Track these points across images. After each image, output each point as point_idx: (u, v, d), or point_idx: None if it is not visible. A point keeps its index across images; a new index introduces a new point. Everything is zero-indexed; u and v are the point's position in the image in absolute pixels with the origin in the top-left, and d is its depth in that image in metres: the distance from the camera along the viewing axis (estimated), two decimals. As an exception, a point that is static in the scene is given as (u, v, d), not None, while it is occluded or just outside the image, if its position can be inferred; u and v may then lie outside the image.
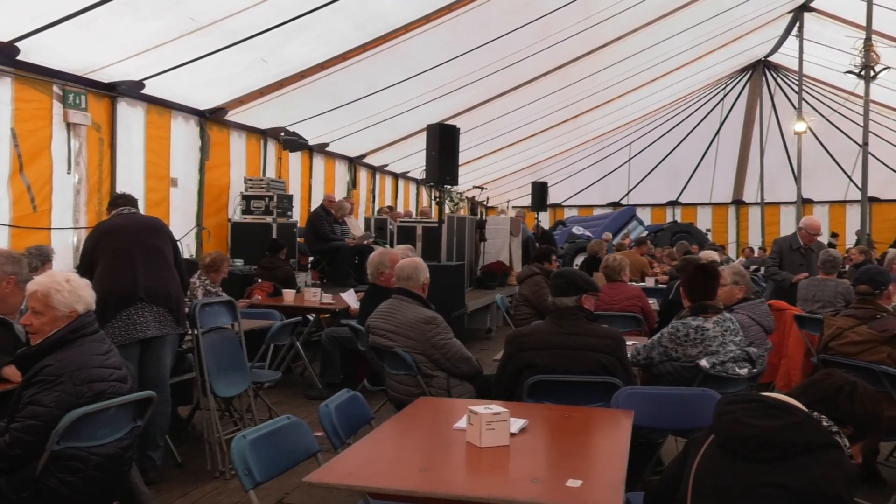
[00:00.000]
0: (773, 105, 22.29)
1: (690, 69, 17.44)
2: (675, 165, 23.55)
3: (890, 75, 13.51)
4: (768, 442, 2.05)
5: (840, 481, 1.98)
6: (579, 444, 2.82)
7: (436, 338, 4.44)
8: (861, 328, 4.52)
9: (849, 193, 21.07)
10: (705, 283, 4.32)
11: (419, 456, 2.63)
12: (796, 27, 17.09)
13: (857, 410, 2.15)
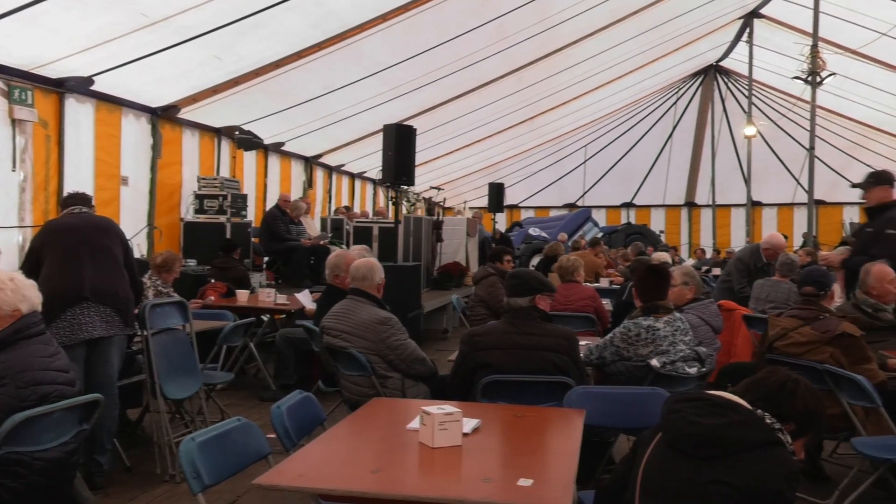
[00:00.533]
0: (724, 109, 22.75)
1: (644, 73, 17.71)
2: (629, 168, 23.87)
3: (836, 81, 13.89)
4: (713, 440, 2.09)
5: (783, 478, 2.03)
6: (531, 443, 2.84)
7: (390, 338, 4.43)
8: (805, 329, 4.62)
9: (796, 196, 21.60)
10: (656, 284, 4.39)
11: (371, 457, 2.62)
12: (746, 33, 17.48)
13: (799, 407, 2.20)
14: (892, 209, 5.57)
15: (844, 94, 16.71)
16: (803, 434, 2.22)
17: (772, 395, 2.22)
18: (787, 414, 2.19)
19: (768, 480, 2.01)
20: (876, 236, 5.44)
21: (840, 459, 5.20)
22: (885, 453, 4.07)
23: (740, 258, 8.29)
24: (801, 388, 2.23)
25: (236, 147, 11.00)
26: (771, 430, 2.14)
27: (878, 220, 5.60)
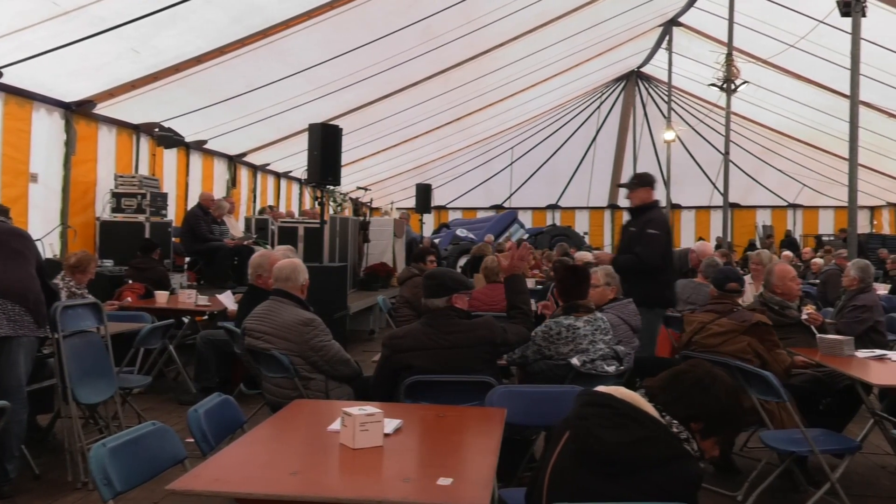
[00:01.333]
0: (645, 114, 23.40)
1: (568, 76, 18.06)
2: (555, 170, 24.29)
3: (749, 89, 14.48)
4: (617, 459, 2.10)
5: (686, 493, 2.08)
6: (452, 442, 2.86)
7: (314, 340, 4.38)
8: (722, 320, 4.82)
9: (713, 199, 22.36)
10: (576, 284, 4.48)
11: (291, 459, 2.59)
12: (666, 41, 18.03)
13: (713, 406, 2.20)
14: (653, 210, 5.87)
15: (757, 101, 17.43)
16: (716, 433, 2.23)
17: (686, 392, 2.22)
18: (698, 413, 2.20)
19: (673, 494, 2.05)
20: (639, 235, 5.68)
21: (750, 453, 5.40)
22: (790, 446, 4.25)
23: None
24: (716, 386, 2.22)
25: (156, 144, 10.70)
26: (676, 442, 2.15)
27: (640, 219, 5.83)
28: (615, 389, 2.25)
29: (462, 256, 17.19)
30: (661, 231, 5.79)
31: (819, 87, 15.03)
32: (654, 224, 5.77)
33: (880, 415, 4.81)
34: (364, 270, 11.56)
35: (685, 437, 2.17)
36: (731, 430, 2.26)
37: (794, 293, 5.47)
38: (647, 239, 5.83)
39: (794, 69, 14.85)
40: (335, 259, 9.77)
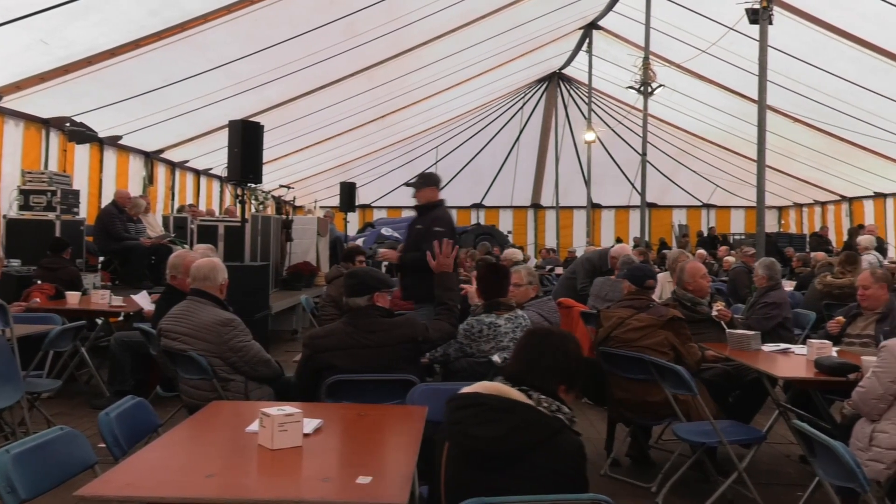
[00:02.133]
0: (566, 115, 23.84)
1: (492, 76, 18.24)
2: (479, 169, 24.47)
3: (665, 93, 14.95)
4: (497, 452, 2.16)
5: (572, 461, 2.16)
6: (372, 441, 2.86)
7: (233, 340, 4.31)
8: (641, 315, 4.95)
9: (631, 199, 22.97)
10: (497, 282, 4.55)
11: (207, 462, 2.55)
12: (586, 43, 18.42)
13: (571, 362, 2.33)
14: (438, 208, 6.03)
15: (673, 104, 17.99)
16: (578, 383, 2.35)
17: (538, 360, 2.32)
18: (564, 374, 2.30)
19: (560, 469, 2.13)
20: (425, 233, 5.77)
21: (664, 445, 5.59)
22: (700, 438, 4.43)
23: (589, 258, 8.74)
24: (565, 344, 2.36)
25: (67, 140, 10.28)
26: (549, 419, 2.22)
27: (427, 217, 5.96)
28: (480, 386, 2.30)
29: (387, 255, 17.11)
30: (446, 229, 5.90)
31: (730, 92, 15.62)
32: (440, 222, 5.88)
33: (785, 406, 5.04)
34: (287, 270, 11.41)
35: (555, 408, 2.24)
36: (585, 376, 2.40)
37: (705, 290, 5.69)
38: (434, 236, 5.75)
39: (707, 74, 15.39)
40: (257, 258, 9.61)
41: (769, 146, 9.90)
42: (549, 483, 2.14)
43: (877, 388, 3.64)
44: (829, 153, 16.38)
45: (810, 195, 20.99)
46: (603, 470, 5.11)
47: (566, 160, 23.64)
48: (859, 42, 11.49)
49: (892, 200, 17.45)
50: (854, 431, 3.80)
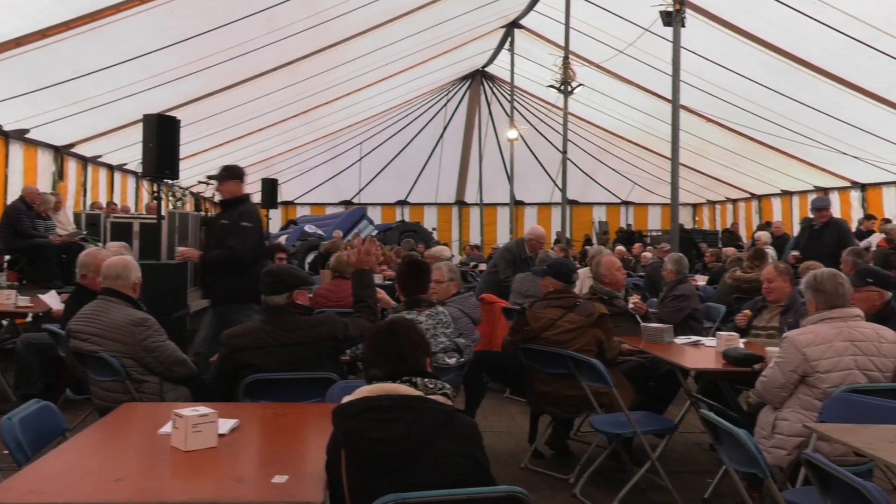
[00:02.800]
0: (490, 113, 24.06)
1: (416, 73, 18.24)
2: (403, 166, 24.46)
3: (584, 92, 15.26)
4: (402, 451, 2.17)
5: (472, 441, 2.20)
6: (290, 440, 2.84)
7: (147, 340, 4.19)
8: (571, 316, 5.03)
9: (553, 196, 23.36)
10: (418, 278, 4.57)
11: (116, 465, 2.48)
12: (508, 42, 18.62)
13: (414, 337, 2.40)
14: (244, 203, 6.01)
15: (592, 104, 18.37)
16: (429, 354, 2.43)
17: (399, 347, 2.37)
18: (424, 352, 2.36)
19: (462, 451, 2.17)
20: (232, 228, 5.75)
21: (583, 437, 5.73)
22: (616, 429, 4.56)
23: (508, 248, 8.83)
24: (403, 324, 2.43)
25: (-32, 133, 9.79)
26: (437, 404, 2.25)
27: (233, 212, 5.88)
28: (365, 390, 2.30)
29: (310, 252, 16.97)
30: (254, 224, 5.87)
31: (646, 92, 16.06)
32: (247, 217, 5.83)
33: (696, 396, 5.22)
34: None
35: (439, 387, 2.28)
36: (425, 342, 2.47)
37: (620, 283, 5.85)
38: (241, 232, 5.84)
39: (625, 74, 15.78)
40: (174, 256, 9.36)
41: (683, 145, 10.23)
42: (454, 467, 2.17)
43: (778, 377, 3.81)
44: (740, 152, 17.04)
45: (723, 193, 21.78)
46: (523, 463, 5.20)
47: (490, 157, 23.87)
48: (767, 46, 11.99)
49: (798, 198, 18.27)
50: (758, 420, 3.98)
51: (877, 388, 3.79)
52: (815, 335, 3.78)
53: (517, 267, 8.10)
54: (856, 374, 3.72)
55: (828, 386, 3.69)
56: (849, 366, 3.72)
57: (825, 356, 3.73)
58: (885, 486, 4.52)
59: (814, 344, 3.75)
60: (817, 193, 17.35)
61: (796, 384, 3.78)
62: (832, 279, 3.95)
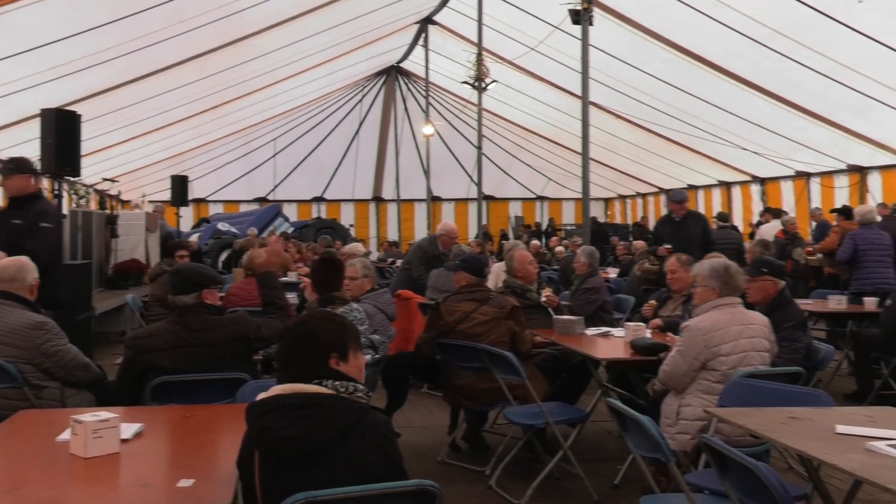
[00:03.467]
0: (405, 108, 24.06)
1: (329, 68, 18.04)
2: (319, 162, 24.20)
3: (498, 88, 15.44)
4: (313, 448, 2.16)
5: (384, 439, 2.21)
6: (197, 443, 2.78)
7: (46, 344, 4.02)
8: (485, 308, 5.08)
9: (470, 192, 23.55)
10: (331, 276, 4.53)
11: (9, 475, 2.36)
12: (422, 38, 18.66)
13: (328, 337, 2.33)
14: (40, 200, 5.49)
15: (506, 100, 18.61)
16: (349, 346, 2.35)
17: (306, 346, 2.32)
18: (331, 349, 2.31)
19: (374, 448, 2.18)
20: (30, 229, 5.21)
21: (499, 429, 5.79)
22: (529, 420, 4.65)
23: (420, 246, 8.84)
24: (314, 324, 2.36)
25: None
26: (350, 403, 2.25)
27: (28, 211, 5.30)
28: (278, 388, 2.28)
29: (224, 251, 16.61)
30: (55, 224, 5.43)
31: (557, 89, 16.38)
32: (46, 216, 5.35)
33: (606, 385, 5.36)
34: (112, 268, 10.77)
35: (351, 390, 2.28)
36: (353, 334, 2.40)
37: (533, 276, 5.96)
38: (41, 233, 5.28)
39: (537, 71, 16.05)
40: (77, 256, 9.00)
41: (594, 141, 10.49)
42: (368, 464, 2.17)
43: (681, 364, 3.98)
44: (648, 148, 17.58)
45: (632, 187, 22.42)
46: (440, 456, 5.24)
47: (406, 153, 23.87)
48: (671, 45, 12.42)
49: (702, 192, 19.00)
50: (663, 407, 4.13)
51: (771, 372, 4.00)
52: (713, 321, 4.01)
53: (430, 263, 8.12)
54: (751, 354, 3.97)
55: (727, 368, 3.91)
56: (745, 348, 3.97)
57: (724, 340, 3.95)
58: (781, 466, 4.79)
59: (713, 330, 3.96)
60: (721, 188, 18.11)
61: (698, 371, 3.95)
62: (739, 273, 4.25)
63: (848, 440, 2.76)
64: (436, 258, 8.21)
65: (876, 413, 3.29)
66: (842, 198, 13.78)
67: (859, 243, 8.11)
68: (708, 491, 3.29)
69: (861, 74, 10.42)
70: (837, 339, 7.63)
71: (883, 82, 10.21)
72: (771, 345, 4.15)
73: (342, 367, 2.32)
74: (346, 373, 2.31)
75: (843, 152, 13.32)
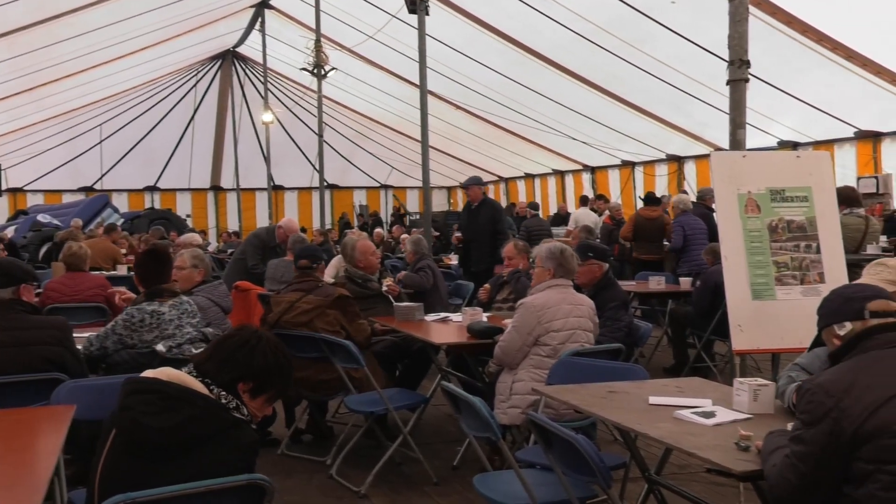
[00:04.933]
0: (243, 95, 23.30)
1: (161, 50, 17.18)
2: (151, 150, 22.99)
3: (339, 76, 15.30)
4: (168, 443, 2.09)
5: (242, 459, 2.16)
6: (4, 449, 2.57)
7: None
8: (309, 297, 5.05)
9: (313, 180, 23.22)
10: (158, 268, 4.33)
11: None
12: (259, 22, 18.12)
13: (259, 363, 2.29)
14: None
15: (348, 88, 18.47)
16: (266, 390, 2.32)
17: (232, 355, 2.29)
18: (245, 373, 2.27)
19: (230, 462, 2.12)
20: None
21: (342, 418, 5.78)
22: (369, 407, 4.67)
23: (257, 234, 8.65)
24: (262, 345, 2.31)
25: None
26: (225, 413, 2.21)
27: None
28: (161, 372, 2.23)
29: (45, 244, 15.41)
30: None
31: (397, 78, 16.46)
32: None
33: (445, 370, 5.48)
34: None
35: (234, 405, 2.24)
36: (280, 386, 2.36)
37: (374, 266, 5.98)
38: None
39: (377, 59, 16.04)
40: None
41: (434, 130, 10.64)
42: (216, 476, 2.10)
43: (516, 339, 4.20)
44: (487, 138, 18.07)
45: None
46: (280, 449, 5.15)
47: (246, 141, 23.11)
48: (504, 37, 12.81)
49: (539, 181, 19.80)
50: (497, 385, 4.30)
51: (595, 350, 4.25)
52: (547, 299, 4.26)
53: (267, 254, 8.00)
54: (579, 332, 4.26)
55: (557, 343, 4.16)
56: (574, 326, 4.24)
57: (556, 317, 4.21)
58: (608, 438, 5.11)
59: (546, 307, 4.21)
60: (555, 177, 18.95)
61: (531, 346, 4.17)
62: (574, 257, 4.51)
63: (659, 410, 2.98)
64: (272, 249, 8.09)
65: (685, 384, 3.58)
66: (662, 185, 14.84)
67: (686, 229, 8.75)
68: (539, 466, 3.44)
69: (676, 70, 11.23)
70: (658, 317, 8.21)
71: (695, 78, 11.04)
72: (594, 326, 4.45)
73: (245, 397, 2.27)
74: (244, 401, 2.26)
75: (663, 143, 14.32)
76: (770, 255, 4.41)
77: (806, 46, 9.75)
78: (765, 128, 11.76)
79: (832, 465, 2.10)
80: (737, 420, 2.76)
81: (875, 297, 2.36)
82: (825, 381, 2.17)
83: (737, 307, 4.33)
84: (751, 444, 2.44)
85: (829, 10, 9.10)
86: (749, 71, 4.74)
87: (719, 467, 2.40)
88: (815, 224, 4.46)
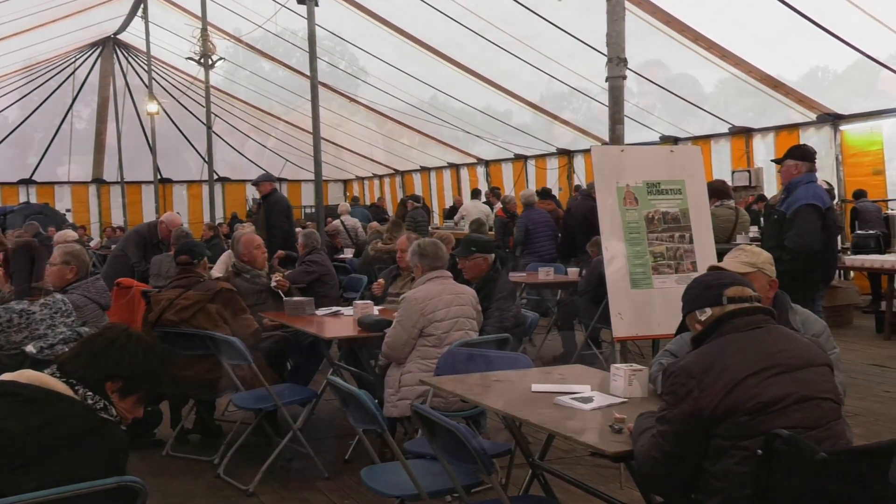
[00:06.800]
0: (126, 84, 22.29)
1: (35, 37, 16.21)
2: (25, 141, 21.73)
3: (228, 66, 14.90)
4: (28, 448, 2.00)
5: (111, 460, 2.08)
6: None
7: None
8: (189, 293, 4.92)
9: (204, 173, 22.49)
10: (26, 264, 4.12)
11: None
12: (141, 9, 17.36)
13: (127, 363, 2.23)
14: None
15: (238, 79, 18.01)
16: (136, 390, 2.26)
17: (100, 354, 2.22)
18: (114, 372, 2.21)
19: (97, 467, 2.04)
20: None
21: (231, 416, 5.66)
22: (258, 404, 4.60)
23: (138, 231, 8.39)
24: (131, 344, 2.26)
25: None
26: (91, 414, 2.14)
27: None
28: (20, 374, 2.13)
29: None
30: None
31: (289, 69, 16.19)
32: None
33: (338, 364, 5.45)
34: None
35: (101, 405, 2.17)
36: (151, 386, 2.31)
37: (260, 260, 5.87)
38: None
39: (267, 50, 15.71)
40: None
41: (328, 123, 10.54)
42: (83, 480, 2.01)
43: (401, 334, 4.23)
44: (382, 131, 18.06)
45: (369, 169, 22.88)
46: (164, 451, 5.00)
47: (130, 132, 22.12)
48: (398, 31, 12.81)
49: (434, 174, 19.92)
50: (386, 379, 4.32)
51: (482, 340, 4.34)
52: (427, 291, 4.34)
53: (149, 250, 7.75)
54: (462, 320, 4.36)
55: (442, 332, 4.24)
56: (456, 314, 4.34)
57: (438, 308, 4.29)
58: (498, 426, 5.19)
59: (428, 298, 4.29)
60: (450, 170, 19.12)
61: (417, 338, 4.22)
62: (432, 245, 4.58)
63: (541, 397, 3.07)
64: (155, 245, 7.84)
65: (567, 371, 3.70)
66: (553, 178, 15.23)
67: (529, 224, 9.54)
68: (429, 456, 3.47)
69: (563, 67, 11.54)
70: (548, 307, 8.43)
71: (581, 74, 11.39)
72: (478, 314, 4.55)
73: (114, 397, 2.19)
74: (113, 401, 2.19)
75: (553, 137, 14.71)
76: (647, 245, 4.60)
77: (683, 45, 10.22)
78: (648, 123, 12.26)
79: (693, 442, 2.23)
80: (612, 404, 2.88)
81: (732, 284, 2.51)
82: (686, 364, 2.31)
83: (617, 296, 4.50)
84: (623, 426, 2.55)
85: (704, 11, 9.59)
86: (629, 68, 4.92)
87: (595, 449, 2.50)
88: (688, 215, 4.68)
